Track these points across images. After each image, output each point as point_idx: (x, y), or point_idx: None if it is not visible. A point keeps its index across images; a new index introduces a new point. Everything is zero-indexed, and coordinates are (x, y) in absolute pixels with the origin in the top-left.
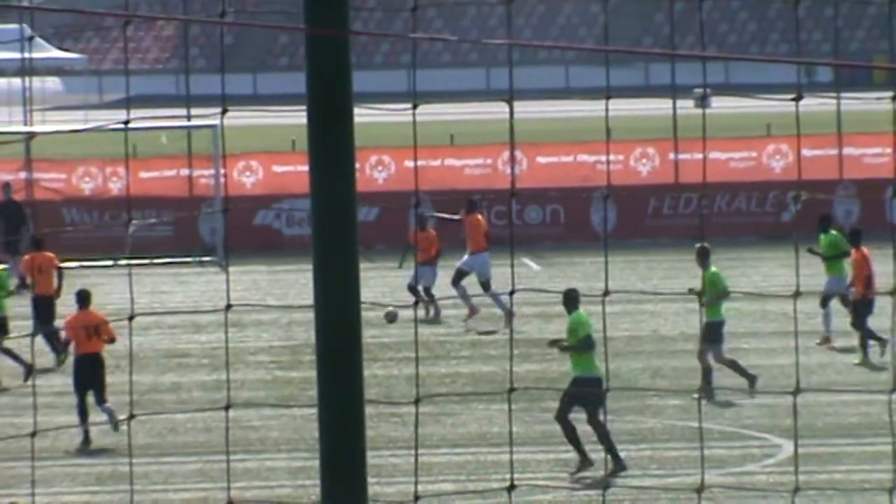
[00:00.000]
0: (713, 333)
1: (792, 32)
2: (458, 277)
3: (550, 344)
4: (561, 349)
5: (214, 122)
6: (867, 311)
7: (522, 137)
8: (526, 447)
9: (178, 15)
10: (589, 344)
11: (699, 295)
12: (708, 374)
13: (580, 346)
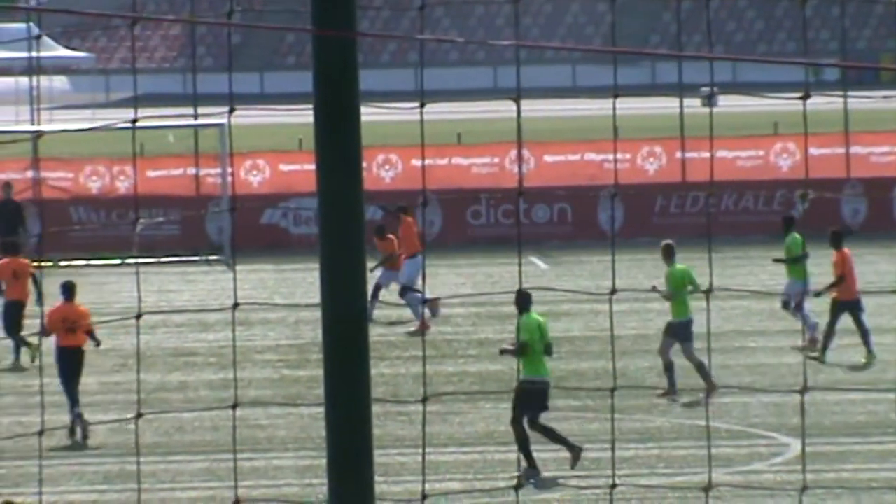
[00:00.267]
0: (681, 333)
1: (799, 31)
2: (402, 291)
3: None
4: (502, 352)
5: (222, 120)
6: (859, 310)
7: (530, 136)
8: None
9: (185, 15)
10: (522, 351)
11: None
12: (669, 368)
13: (514, 351)
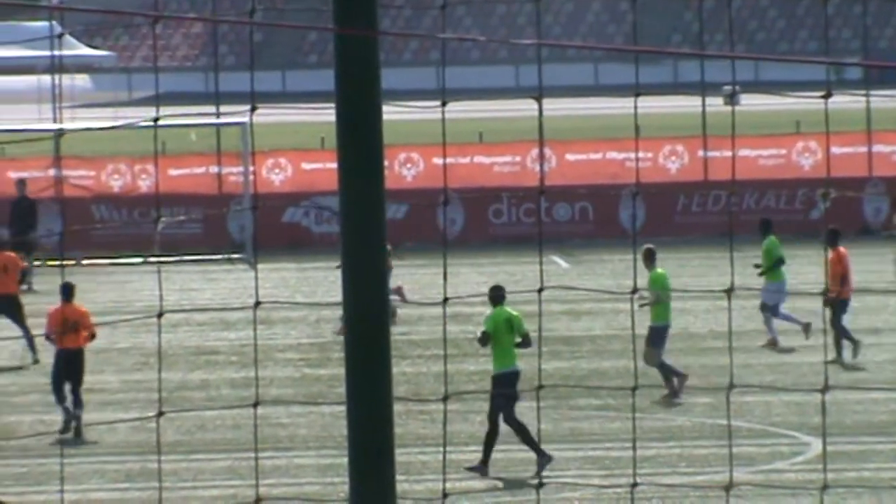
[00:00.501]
0: (656, 337)
1: (821, 30)
2: None
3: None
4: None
5: (243, 119)
6: (843, 310)
7: (551, 135)
8: (554, 444)
9: (207, 14)
10: (482, 340)
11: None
12: (664, 369)
13: (478, 340)
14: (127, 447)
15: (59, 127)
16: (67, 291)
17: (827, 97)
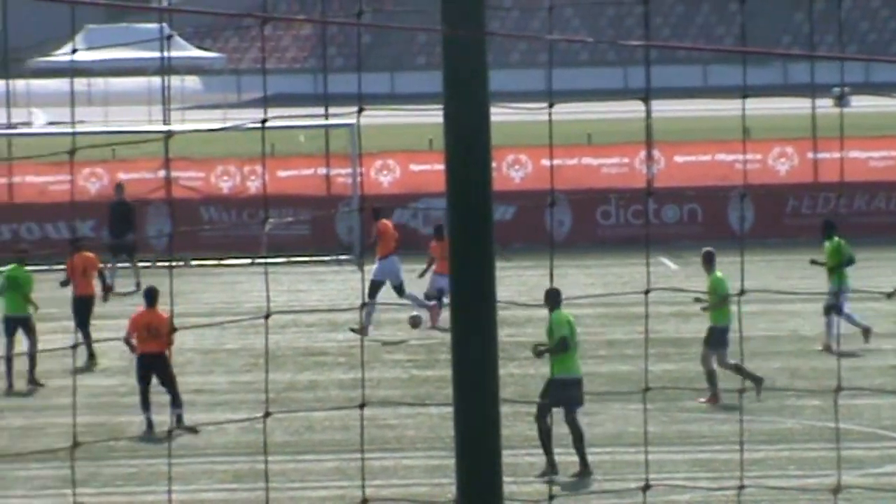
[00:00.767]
0: (718, 338)
1: None
2: (372, 290)
3: (533, 351)
4: (537, 354)
5: (352, 120)
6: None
7: (660, 136)
8: (663, 447)
9: (316, 15)
10: (564, 346)
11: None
12: (711, 377)
13: (555, 348)
14: (236, 448)
15: (168, 129)
16: (151, 297)
17: None
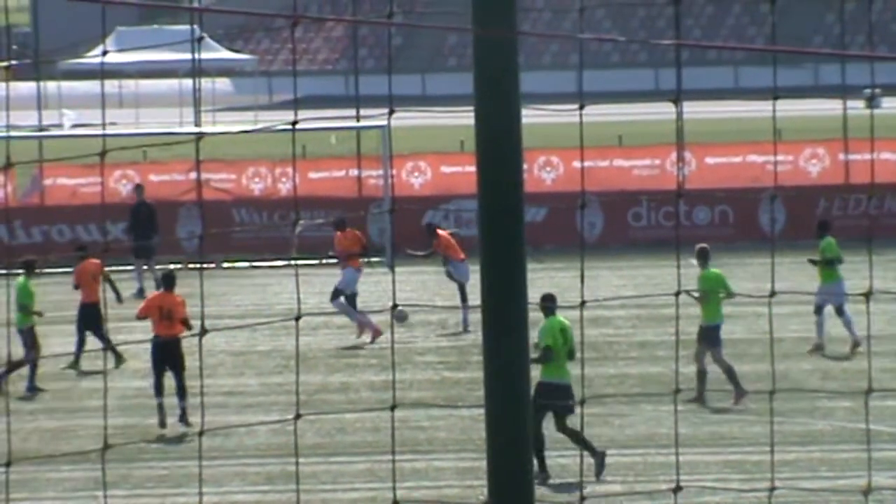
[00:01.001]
0: (708, 336)
1: None
2: (335, 295)
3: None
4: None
5: (383, 122)
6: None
7: (691, 138)
8: (694, 448)
9: (347, 16)
10: (545, 356)
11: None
12: (702, 376)
13: (538, 358)
14: (267, 450)
15: (199, 130)
16: (168, 281)
17: None
